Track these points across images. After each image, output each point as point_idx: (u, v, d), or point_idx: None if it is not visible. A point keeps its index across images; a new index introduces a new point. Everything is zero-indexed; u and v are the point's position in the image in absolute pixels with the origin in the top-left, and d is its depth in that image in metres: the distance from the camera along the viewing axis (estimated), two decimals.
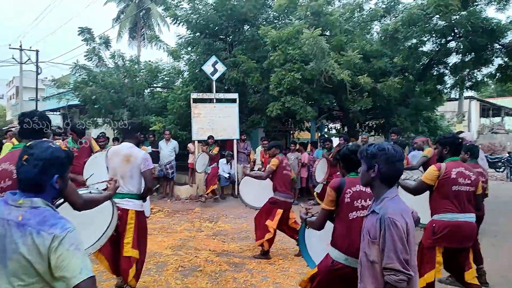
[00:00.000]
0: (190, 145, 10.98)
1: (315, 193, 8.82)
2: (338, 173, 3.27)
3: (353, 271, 2.54)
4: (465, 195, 3.67)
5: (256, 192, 6.25)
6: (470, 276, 3.75)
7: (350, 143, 3.47)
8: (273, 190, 5.72)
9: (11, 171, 2.50)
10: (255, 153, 10.96)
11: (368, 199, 2.88)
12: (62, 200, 2.62)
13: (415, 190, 3.86)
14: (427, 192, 3.83)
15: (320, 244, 3.26)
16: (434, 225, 3.70)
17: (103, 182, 3.42)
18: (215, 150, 9.88)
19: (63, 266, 1.57)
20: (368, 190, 2.79)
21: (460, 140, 3.99)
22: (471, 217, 3.71)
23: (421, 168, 6.58)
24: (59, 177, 1.75)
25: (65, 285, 1.60)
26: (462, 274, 3.76)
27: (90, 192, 3.10)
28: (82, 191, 2.94)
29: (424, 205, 3.82)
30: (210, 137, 9.93)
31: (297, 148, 10.27)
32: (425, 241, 3.79)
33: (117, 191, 3.31)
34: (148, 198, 4.73)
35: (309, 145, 11.53)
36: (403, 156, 2.26)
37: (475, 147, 5.31)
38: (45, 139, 2.67)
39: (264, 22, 11.50)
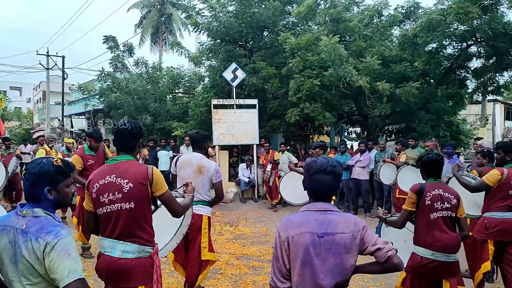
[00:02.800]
0: (210, 150, 11.22)
1: None
2: None
3: (440, 264, 3.16)
4: None
5: (296, 188, 6.47)
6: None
7: (431, 152, 3.72)
8: None
9: (120, 184, 2.57)
10: None
11: (446, 202, 3.26)
12: (154, 207, 2.76)
13: (475, 188, 4.27)
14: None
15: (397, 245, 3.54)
16: (486, 221, 4.15)
17: (181, 187, 3.48)
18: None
19: (54, 269, 1.80)
20: (446, 193, 3.28)
21: None
22: None
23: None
24: (51, 189, 1.98)
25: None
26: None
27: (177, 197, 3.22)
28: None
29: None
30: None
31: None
32: (478, 235, 4.20)
33: None
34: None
35: (329, 149, 11.60)
36: (324, 168, 2.14)
37: (492, 153, 5.58)
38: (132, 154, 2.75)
39: (284, 29, 11.65)
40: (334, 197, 10.23)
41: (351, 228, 2.06)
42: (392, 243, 2.08)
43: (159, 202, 2.79)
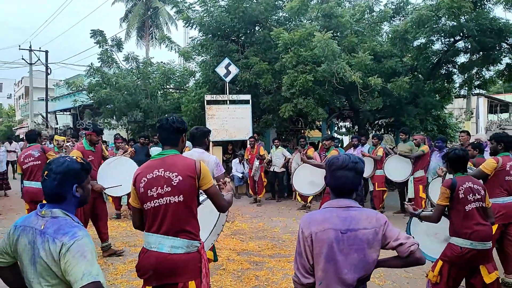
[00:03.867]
0: None
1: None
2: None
3: (478, 252, 3.38)
4: None
5: (307, 179, 6.64)
6: None
7: (457, 148, 3.89)
8: None
9: (169, 177, 2.57)
10: (268, 153, 11.16)
11: (477, 194, 3.48)
12: (204, 197, 2.83)
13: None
14: None
15: (427, 239, 3.94)
16: None
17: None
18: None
19: (68, 271, 1.79)
20: (475, 186, 3.52)
21: (511, 138, 4.77)
22: None
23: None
24: (78, 186, 2.00)
25: None
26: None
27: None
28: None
29: None
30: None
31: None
32: None
33: None
34: None
35: (320, 144, 11.71)
36: (346, 165, 2.20)
37: (481, 144, 6.23)
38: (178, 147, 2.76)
39: (276, 24, 11.67)
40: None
41: (373, 224, 2.12)
42: (413, 238, 2.15)
43: (201, 198, 2.81)
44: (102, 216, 5.88)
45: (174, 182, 2.57)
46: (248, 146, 10.37)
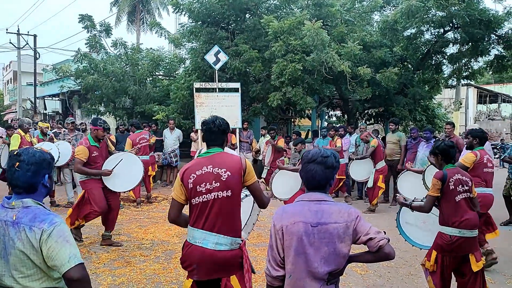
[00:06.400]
0: (193, 134, 11.21)
1: (261, 178, 9.12)
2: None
3: (466, 240, 3.56)
4: (490, 175, 4.92)
5: (287, 184, 6.66)
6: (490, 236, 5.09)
7: (446, 140, 4.10)
8: None
9: (217, 173, 2.68)
10: (257, 142, 11.17)
11: (465, 185, 3.63)
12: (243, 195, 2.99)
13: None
14: None
15: (415, 227, 4.23)
16: None
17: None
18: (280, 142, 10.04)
19: (53, 256, 1.83)
20: (464, 177, 3.65)
21: (485, 134, 5.14)
22: (491, 190, 4.96)
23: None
24: (49, 176, 2.06)
25: (58, 273, 1.87)
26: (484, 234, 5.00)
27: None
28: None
29: None
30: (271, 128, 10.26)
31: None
32: None
33: None
34: None
35: (310, 132, 11.80)
36: (315, 159, 2.24)
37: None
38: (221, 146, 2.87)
39: (266, 11, 11.56)
40: None
41: (345, 218, 2.14)
42: (384, 233, 2.17)
43: (242, 195, 2.91)
44: (114, 207, 5.88)
45: (223, 178, 2.69)
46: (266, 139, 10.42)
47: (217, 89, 10.64)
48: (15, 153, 2.02)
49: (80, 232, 5.96)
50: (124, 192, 7.07)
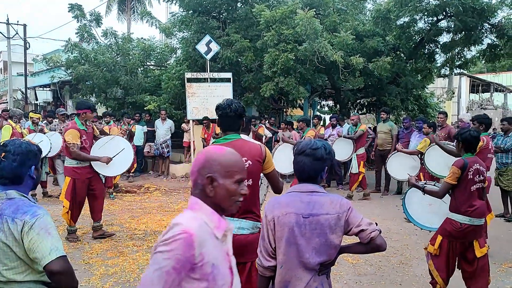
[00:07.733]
0: (184, 125, 11.16)
1: None
2: None
3: (475, 227, 3.61)
4: (491, 160, 5.09)
5: (287, 158, 6.71)
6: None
7: (471, 129, 4.01)
8: None
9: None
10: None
11: (481, 175, 3.66)
12: None
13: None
14: None
15: (420, 207, 4.27)
16: None
17: None
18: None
19: (34, 248, 1.80)
20: (481, 167, 3.67)
21: (490, 120, 5.28)
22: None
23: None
24: (35, 167, 2.03)
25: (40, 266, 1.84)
26: None
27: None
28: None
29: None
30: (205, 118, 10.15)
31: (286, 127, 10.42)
32: None
33: None
34: None
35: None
36: (304, 151, 2.22)
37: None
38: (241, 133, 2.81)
39: (258, 0, 11.43)
40: None
41: (337, 209, 2.13)
42: (376, 224, 2.16)
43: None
44: (99, 195, 5.73)
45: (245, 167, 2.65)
46: (203, 126, 10.43)
47: (208, 79, 10.56)
48: (1, 144, 2.02)
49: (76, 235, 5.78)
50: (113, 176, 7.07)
